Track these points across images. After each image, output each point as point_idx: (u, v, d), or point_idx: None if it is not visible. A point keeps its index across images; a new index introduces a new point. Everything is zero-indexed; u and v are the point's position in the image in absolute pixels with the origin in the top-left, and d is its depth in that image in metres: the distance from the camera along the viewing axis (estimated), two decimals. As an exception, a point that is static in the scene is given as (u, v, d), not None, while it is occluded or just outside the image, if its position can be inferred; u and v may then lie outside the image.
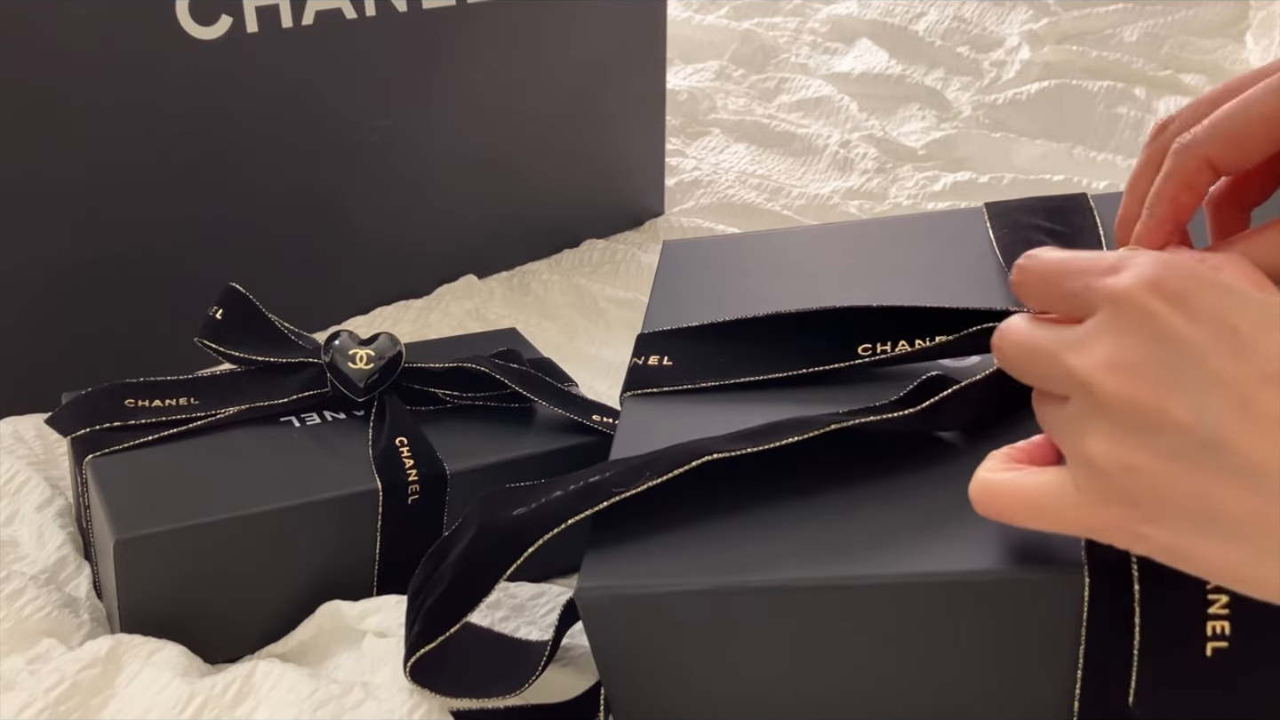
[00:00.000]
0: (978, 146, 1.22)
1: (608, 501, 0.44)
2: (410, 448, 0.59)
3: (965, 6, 1.60)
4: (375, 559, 0.59)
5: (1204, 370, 0.31)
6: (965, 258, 0.58)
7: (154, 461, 0.58)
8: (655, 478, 0.44)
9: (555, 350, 0.84)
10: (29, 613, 0.56)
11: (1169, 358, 0.31)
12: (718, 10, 1.62)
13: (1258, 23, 1.54)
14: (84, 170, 0.74)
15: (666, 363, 0.54)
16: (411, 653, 0.47)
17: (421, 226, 0.92)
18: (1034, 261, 0.36)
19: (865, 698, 0.43)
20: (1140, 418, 0.32)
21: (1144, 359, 0.32)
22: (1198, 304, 0.31)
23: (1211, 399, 0.31)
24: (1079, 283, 0.34)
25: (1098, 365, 0.33)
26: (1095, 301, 0.34)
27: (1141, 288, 0.32)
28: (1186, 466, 0.31)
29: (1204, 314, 0.31)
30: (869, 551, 0.41)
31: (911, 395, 0.45)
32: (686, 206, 1.10)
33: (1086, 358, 0.33)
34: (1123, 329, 0.32)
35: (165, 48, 0.75)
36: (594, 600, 0.42)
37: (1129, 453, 0.32)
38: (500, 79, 0.93)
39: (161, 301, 0.80)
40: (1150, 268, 0.32)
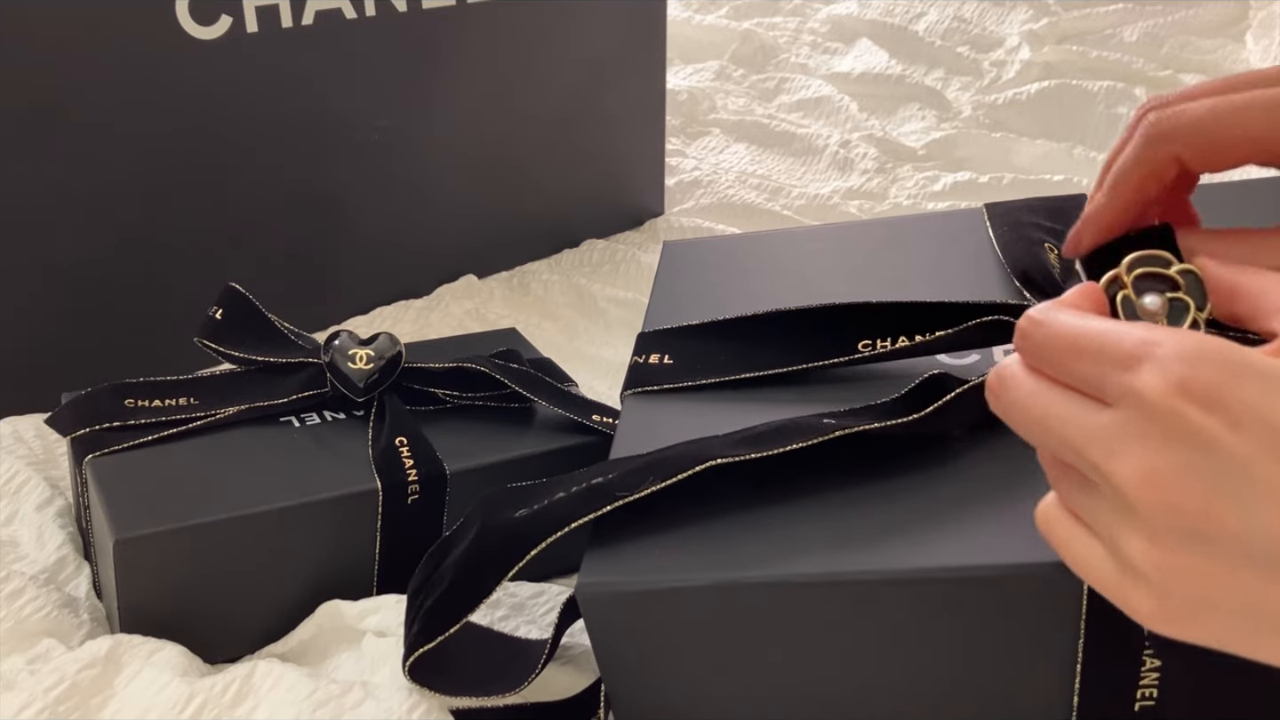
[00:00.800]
0: (978, 146, 1.22)
1: (610, 505, 0.44)
2: (410, 447, 0.59)
3: (965, 6, 1.60)
4: (375, 559, 0.59)
5: (1251, 478, 0.28)
6: (965, 258, 0.58)
7: (154, 461, 0.58)
8: (658, 482, 0.44)
9: (555, 350, 0.84)
10: (29, 613, 0.56)
11: (1211, 466, 0.29)
12: (718, 10, 1.62)
13: (1258, 23, 1.54)
14: (84, 170, 0.74)
15: (667, 361, 0.54)
16: (411, 652, 0.47)
17: (421, 226, 0.92)
18: (1038, 328, 0.33)
19: (865, 693, 0.43)
20: (1184, 525, 0.29)
21: (1183, 469, 0.29)
22: (1235, 404, 0.29)
23: (1262, 508, 0.28)
24: (1093, 368, 0.32)
25: (1132, 475, 0.30)
26: (1115, 395, 0.31)
27: (1169, 392, 0.29)
28: (1238, 573, 0.29)
29: (1244, 416, 0.29)
30: (869, 547, 0.41)
31: (912, 396, 0.45)
32: (686, 206, 1.10)
33: (1117, 464, 0.30)
34: (1153, 435, 0.30)
35: (165, 48, 0.75)
36: (595, 596, 0.42)
37: (1172, 557, 0.30)
38: (500, 79, 0.93)
39: (161, 301, 0.80)
40: (1176, 365, 0.29)
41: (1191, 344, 0.30)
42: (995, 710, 0.42)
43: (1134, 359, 0.30)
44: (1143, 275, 0.36)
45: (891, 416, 0.45)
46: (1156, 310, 0.36)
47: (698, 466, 0.44)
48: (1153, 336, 0.30)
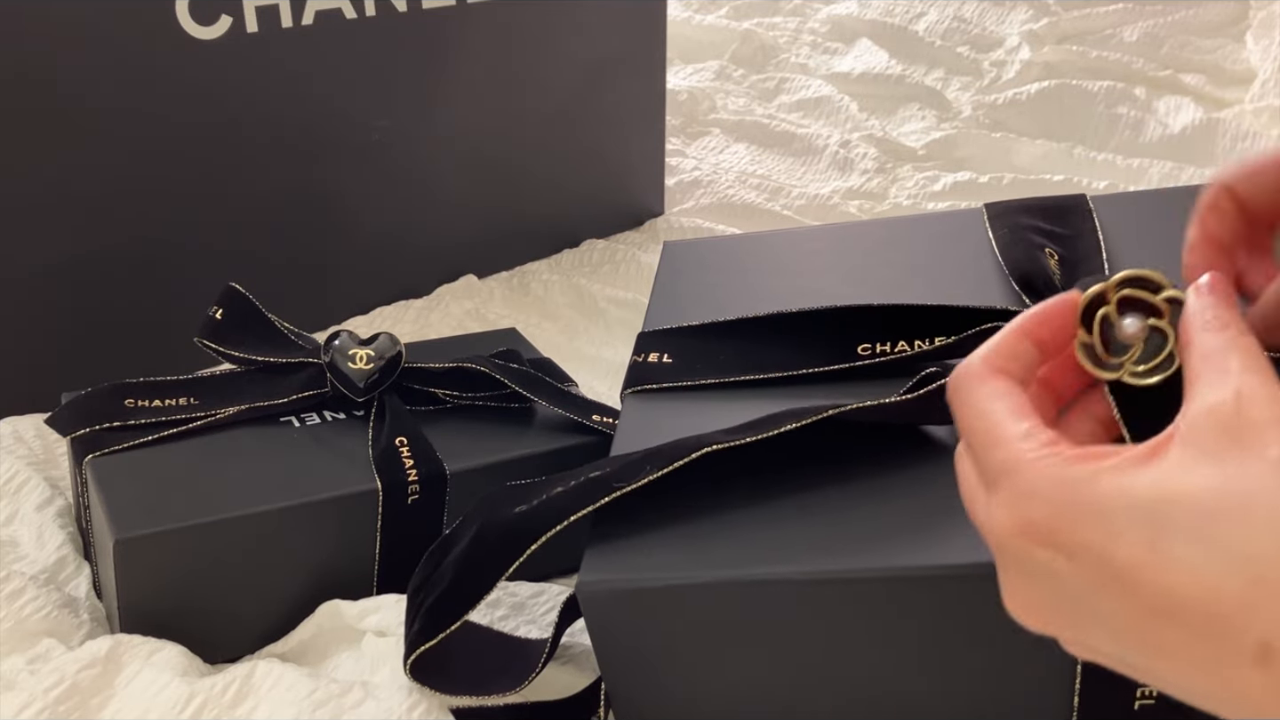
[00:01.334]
0: (978, 146, 1.22)
1: (608, 497, 0.44)
2: (410, 447, 0.59)
3: (965, 6, 1.60)
4: (375, 558, 0.59)
5: (1098, 611, 0.29)
6: (965, 259, 0.58)
7: (154, 461, 0.58)
8: (655, 471, 0.44)
9: (555, 350, 0.84)
10: (29, 613, 0.56)
11: (1063, 597, 0.30)
12: (718, 10, 1.62)
13: (1258, 23, 1.54)
14: (84, 170, 0.74)
15: (666, 360, 0.54)
16: (411, 651, 0.47)
17: (422, 226, 0.92)
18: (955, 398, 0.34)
19: (865, 690, 0.43)
20: (1066, 642, 0.31)
21: (1041, 599, 0.31)
22: (1070, 540, 0.29)
23: (1118, 637, 0.29)
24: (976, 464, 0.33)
25: (1006, 595, 0.32)
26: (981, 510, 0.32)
27: (1013, 531, 0.30)
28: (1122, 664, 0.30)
29: (1079, 551, 0.29)
30: (868, 545, 0.41)
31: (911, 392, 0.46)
32: (686, 206, 1.10)
33: (1003, 585, 0.32)
34: (1010, 567, 0.31)
35: (165, 48, 0.75)
36: (595, 594, 0.42)
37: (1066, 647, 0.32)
38: (500, 79, 0.93)
39: (161, 301, 0.80)
40: (1021, 505, 0.30)
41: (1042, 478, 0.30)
42: (995, 708, 0.42)
43: (994, 482, 0.31)
44: (1128, 298, 0.35)
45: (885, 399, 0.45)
46: (1134, 334, 0.34)
47: (694, 453, 0.44)
48: (1014, 460, 0.31)
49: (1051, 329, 0.35)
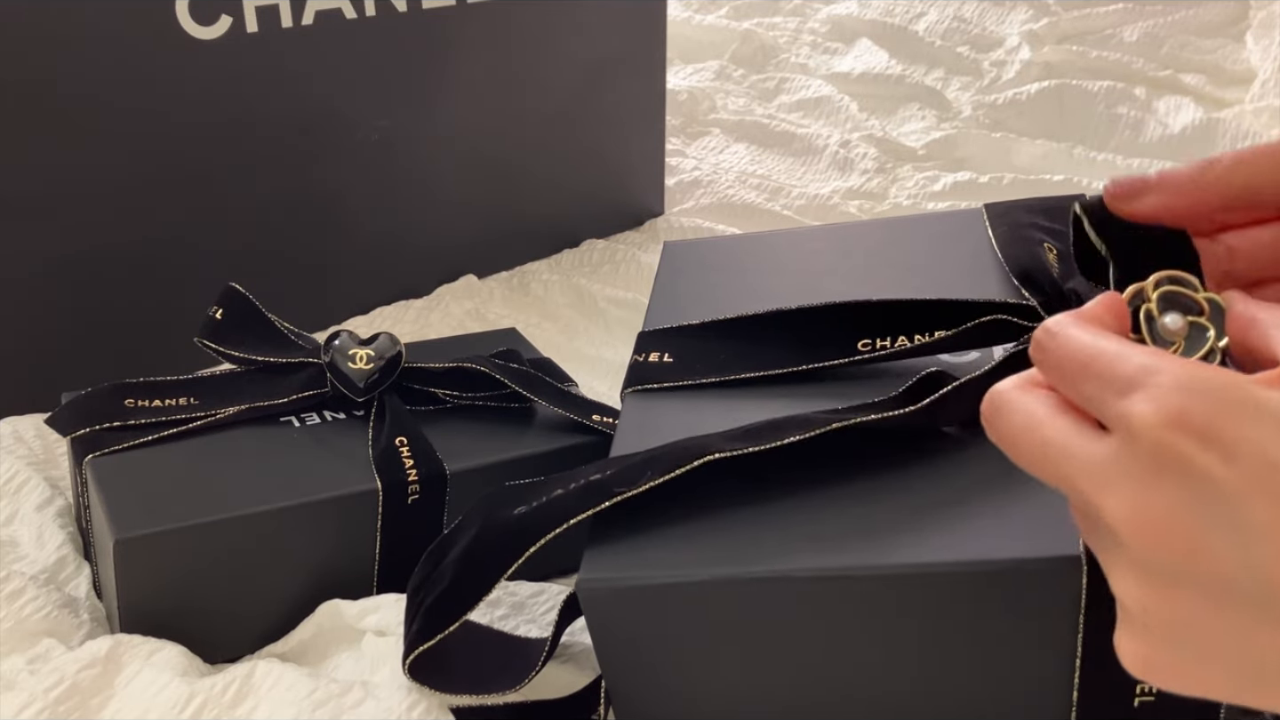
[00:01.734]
0: (978, 146, 1.22)
1: (609, 501, 0.44)
2: (410, 447, 0.59)
3: (965, 6, 1.60)
4: (375, 559, 0.59)
5: (1246, 518, 0.27)
6: (965, 258, 0.58)
7: (154, 461, 0.58)
8: (657, 477, 0.44)
9: (555, 350, 0.84)
10: (29, 613, 0.56)
11: (1205, 503, 0.27)
12: (718, 10, 1.62)
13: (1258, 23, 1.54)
14: (84, 170, 0.74)
15: (667, 359, 0.55)
16: (410, 650, 0.47)
17: (421, 226, 0.92)
18: (1052, 340, 0.32)
19: (864, 687, 0.43)
20: (1173, 564, 0.28)
21: (1175, 506, 0.28)
22: (1232, 438, 0.27)
23: (1257, 549, 0.27)
24: (1096, 390, 0.30)
25: (1119, 510, 0.29)
26: (1111, 422, 0.30)
27: (1162, 423, 0.28)
28: (1230, 616, 0.28)
29: (1240, 451, 0.27)
30: (868, 542, 0.41)
31: (911, 391, 0.46)
32: (686, 206, 1.10)
33: (1107, 498, 0.29)
34: (1147, 469, 0.28)
35: (165, 48, 0.75)
36: (595, 592, 0.42)
37: (1161, 599, 0.29)
38: (500, 79, 0.93)
39: (161, 301, 0.80)
40: (1173, 395, 0.28)
41: (1191, 374, 0.28)
42: (995, 706, 0.42)
43: (1131, 385, 0.29)
44: (1168, 294, 0.35)
45: (888, 411, 0.45)
46: (1177, 330, 0.35)
47: (696, 461, 0.44)
48: (1155, 363, 0.29)
49: (1115, 316, 0.35)
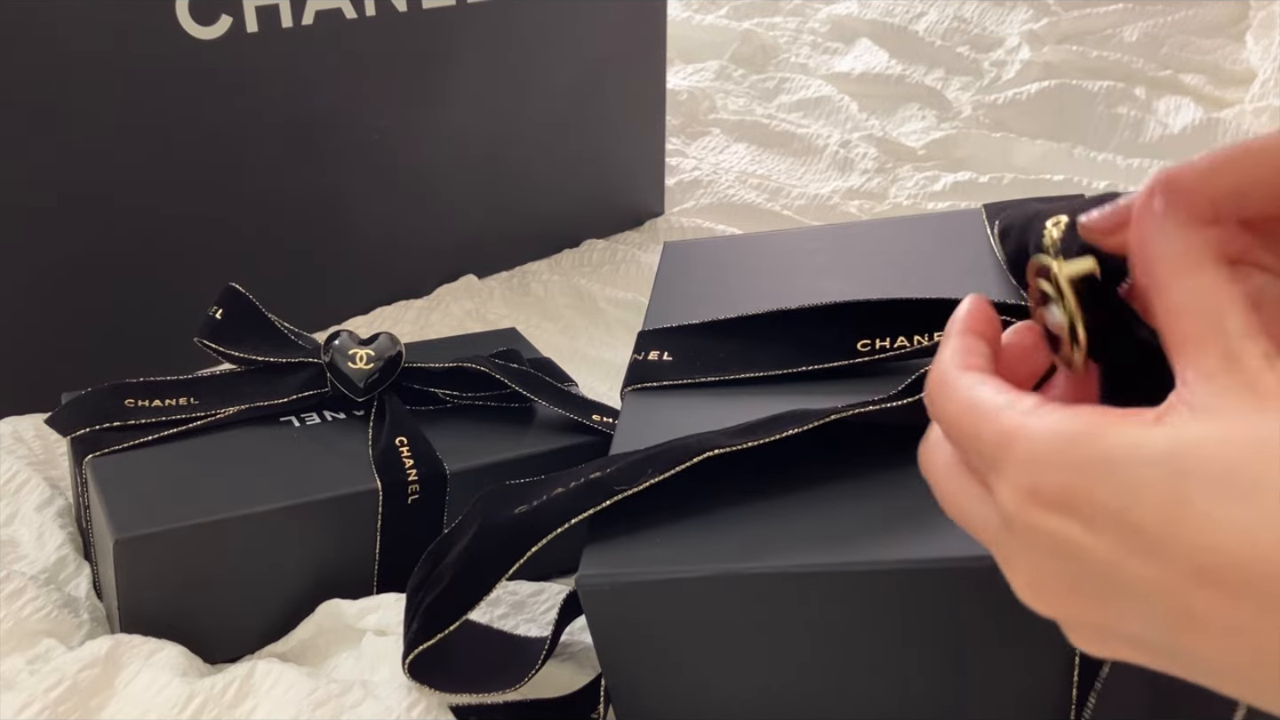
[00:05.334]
0: (978, 146, 1.22)
1: (609, 500, 0.44)
2: (410, 447, 0.59)
3: (965, 6, 1.60)
4: (375, 558, 0.59)
5: (1126, 582, 0.26)
6: (965, 258, 0.58)
7: (154, 461, 0.58)
8: (657, 475, 0.44)
9: (555, 350, 0.84)
10: (29, 613, 0.56)
11: (1087, 574, 0.27)
12: (718, 10, 1.62)
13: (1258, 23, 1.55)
14: (84, 170, 0.74)
15: (666, 358, 0.55)
16: (410, 650, 0.47)
17: (421, 226, 0.92)
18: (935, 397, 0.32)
19: (865, 685, 0.43)
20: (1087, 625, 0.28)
21: (1063, 580, 0.28)
22: (1086, 504, 0.26)
23: (1147, 610, 0.26)
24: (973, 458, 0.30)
25: (1021, 588, 0.29)
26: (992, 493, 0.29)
27: (1022, 504, 0.28)
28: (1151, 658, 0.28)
29: (1098, 516, 0.26)
30: (868, 539, 0.41)
31: (909, 389, 0.46)
32: (686, 206, 1.10)
33: (1008, 571, 0.29)
34: (1026, 548, 0.28)
35: (165, 48, 0.75)
36: (595, 588, 0.42)
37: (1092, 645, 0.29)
38: (500, 79, 0.93)
39: (161, 301, 0.80)
40: (1025, 472, 0.28)
41: (1043, 439, 0.27)
42: (996, 705, 0.42)
43: (994, 462, 0.29)
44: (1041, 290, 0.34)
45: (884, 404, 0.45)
46: (1056, 324, 0.33)
47: (695, 458, 0.44)
48: (1010, 431, 0.28)
49: (984, 321, 0.34)
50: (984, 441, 0.29)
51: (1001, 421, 0.29)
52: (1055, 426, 0.28)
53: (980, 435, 0.29)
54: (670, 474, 0.44)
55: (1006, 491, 0.28)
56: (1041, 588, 0.28)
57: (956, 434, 0.31)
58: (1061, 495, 0.27)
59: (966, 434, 0.30)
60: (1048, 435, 0.28)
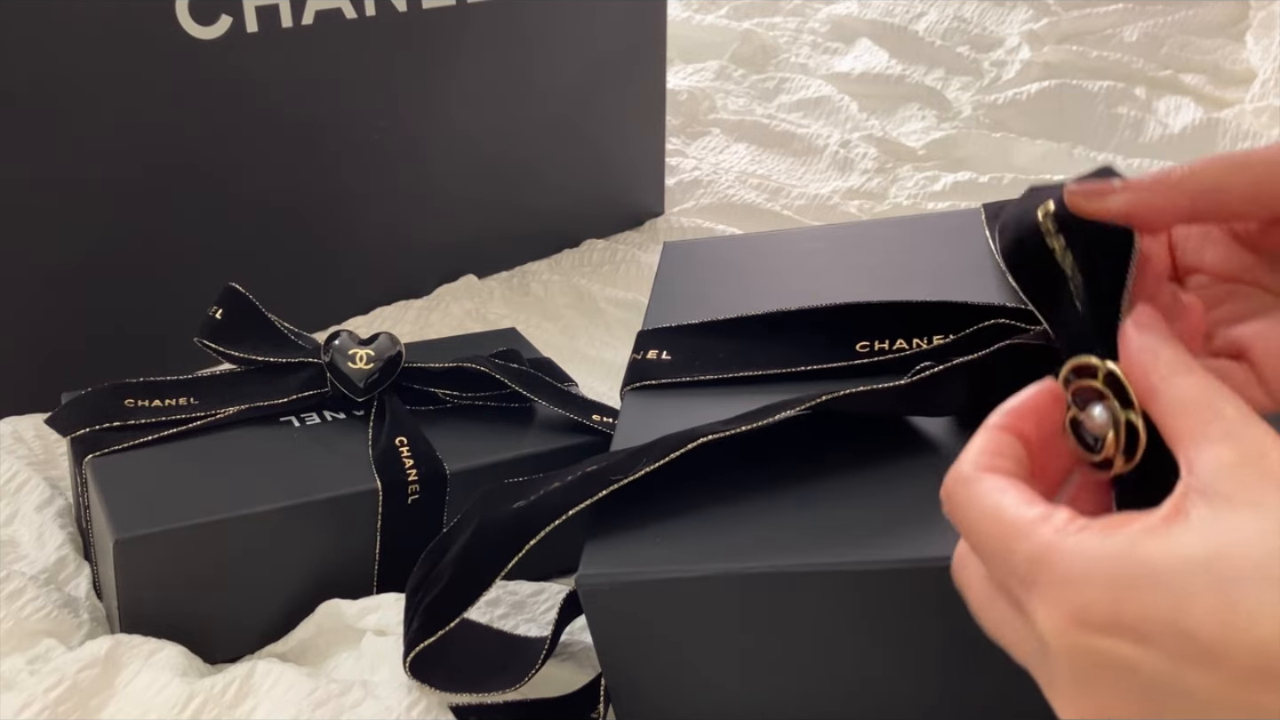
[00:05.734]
0: (978, 146, 1.22)
1: (605, 490, 0.44)
2: (410, 447, 0.59)
3: (965, 6, 1.60)
4: (375, 558, 0.59)
5: (1183, 690, 0.26)
6: (965, 258, 0.58)
7: (154, 461, 0.58)
8: (651, 464, 0.44)
9: (555, 350, 0.84)
10: (29, 613, 0.56)
11: (1140, 693, 0.26)
12: (718, 10, 1.62)
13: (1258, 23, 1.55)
14: (84, 170, 0.74)
15: (666, 357, 0.55)
16: (411, 648, 0.47)
17: (421, 226, 0.92)
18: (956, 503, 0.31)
19: (864, 683, 0.43)
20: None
21: (1112, 695, 0.27)
22: (1135, 620, 0.26)
23: (1206, 714, 0.26)
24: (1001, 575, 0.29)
25: (1065, 705, 0.28)
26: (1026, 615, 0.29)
27: (1065, 629, 0.27)
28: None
29: (1150, 630, 0.26)
30: (867, 537, 0.41)
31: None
32: (686, 206, 1.10)
33: (1052, 695, 0.28)
34: (1071, 674, 0.27)
35: (165, 48, 0.75)
36: (595, 587, 0.42)
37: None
38: (500, 79, 0.93)
39: (161, 301, 0.80)
40: (1066, 595, 0.27)
41: (1082, 563, 0.27)
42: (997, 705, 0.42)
43: (1028, 583, 0.28)
44: (1079, 391, 0.33)
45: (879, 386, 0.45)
46: (1101, 425, 0.32)
47: (689, 444, 0.44)
48: (1043, 549, 0.28)
49: (1038, 422, 0.33)
50: (1015, 559, 0.29)
51: (1034, 540, 0.28)
52: (1093, 546, 0.27)
53: (1011, 552, 0.29)
54: (664, 461, 0.44)
55: (1047, 615, 0.27)
56: (1091, 706, 0.28)
57: (978, 542, 0.30)
58: (1110, 616, 0.26)
59: (992, 547, 0.30)
60: (1086, 556, 0.27)
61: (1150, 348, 0.31)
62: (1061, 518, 0.28)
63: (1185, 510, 0.27)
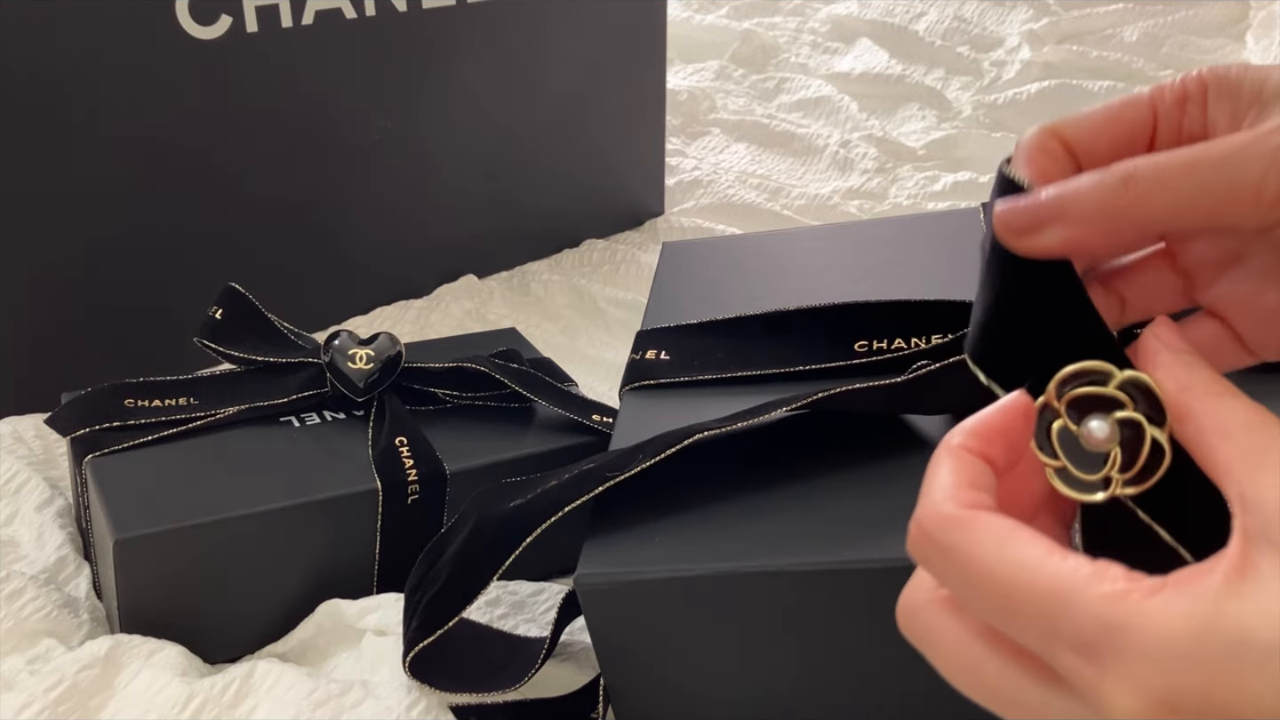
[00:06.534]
0: (978, 146, 1.22)
1: (602, 486, 0.44)
2: (410, 447, 0.59)
3: (965, 6, 1.60)
4: (375, 558, 0.59)
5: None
6: (964, 258, 0.58)
7: (154, 461, 0.58)
8: (647, 460, 0.44)
9: (555, 350, 0.84)
10: (29, 613, 0.56)
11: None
12: (718, 10, 1.62)
13: (1258, 23, 1.54)
14: (84, 170, 0.74)
15: (665, 357, 0.55)
16: (410, 648, 0.48)
17: (421, 226, 0.92)
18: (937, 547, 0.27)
19: (863, 683, 0.43)
20: None
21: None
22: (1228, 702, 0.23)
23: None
24: (1035, 635, 0.25)
25: None
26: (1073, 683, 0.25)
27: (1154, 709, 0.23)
28: None
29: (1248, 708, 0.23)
30: (866, 537, 0.41)
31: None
32: (686, 206, 1.10)
33: None
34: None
35: (165, 48, 0.75)
36: (594, 587, 0.42)
37: None
38: (500, 79, 0.93)
39: (161, 301, 0.80)
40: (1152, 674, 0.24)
41: (1163, 635, 0.24)
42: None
43: (1091, 651, 0.24)
44: (1080, 398, 0.28)
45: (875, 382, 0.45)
46: (1104, 440, 0.28)
47: (685, 440, 0.44)
48: (1114, 616, 0.24)
49: (1007, 445, 0.29)
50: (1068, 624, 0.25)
51: (1102, 606, 0.24)
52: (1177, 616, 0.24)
53: (1061, 616, 0.25)
54: (661, 457, 0.44)
55: (1124, 694, 0.24)
56: None
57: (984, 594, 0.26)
58: (1202, 700, 0.23)
59: (1019, 605, 0.25)
60: (1173, 628, 0.24)
61: (1185, 364, 0.28)
62: (1115, 572, 0.25)
63: (1254, 562, 0.24)
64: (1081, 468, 0.28)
